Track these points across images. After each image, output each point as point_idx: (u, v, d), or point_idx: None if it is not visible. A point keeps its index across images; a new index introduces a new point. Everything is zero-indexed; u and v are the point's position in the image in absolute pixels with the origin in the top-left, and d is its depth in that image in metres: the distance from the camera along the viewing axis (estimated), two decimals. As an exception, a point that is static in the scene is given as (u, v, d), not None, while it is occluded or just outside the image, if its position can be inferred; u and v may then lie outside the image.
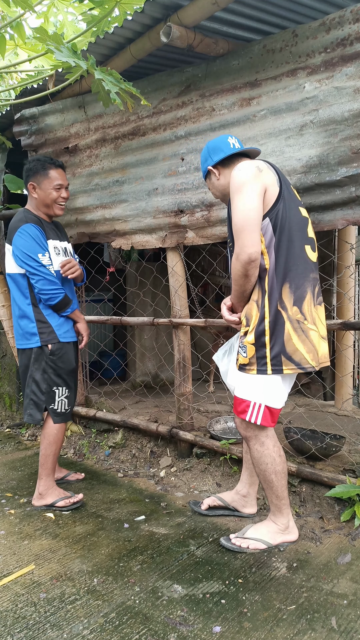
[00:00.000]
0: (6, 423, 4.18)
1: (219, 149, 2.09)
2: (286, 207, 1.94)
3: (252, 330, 1.96)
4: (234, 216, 1.91)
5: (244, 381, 2.01)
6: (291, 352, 1.92)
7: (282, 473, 2.04)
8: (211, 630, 1.60)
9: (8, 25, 3.12)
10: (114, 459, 3.23)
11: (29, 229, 2.47)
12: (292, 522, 2.13)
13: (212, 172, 2.13)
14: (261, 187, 1.88)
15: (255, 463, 2.06)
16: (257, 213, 1.87)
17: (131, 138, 2.98)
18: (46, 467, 2.57)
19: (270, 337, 1.92)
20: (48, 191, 2.54)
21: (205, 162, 2.15)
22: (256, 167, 1.91)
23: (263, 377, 1.96)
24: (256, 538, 2.09)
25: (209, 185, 2.20)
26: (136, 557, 2.06)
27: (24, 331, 2.53)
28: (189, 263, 3.15)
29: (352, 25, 2.10)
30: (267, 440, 2.03)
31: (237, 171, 1.92)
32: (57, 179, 2.55)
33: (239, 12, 2.25)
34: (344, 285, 3.63)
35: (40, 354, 2.51)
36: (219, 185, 2.14)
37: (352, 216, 2.20)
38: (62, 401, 2.57)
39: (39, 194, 2.56)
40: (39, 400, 2.53)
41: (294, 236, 1.95)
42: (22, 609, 1.74)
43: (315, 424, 2.93)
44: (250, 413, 1.97)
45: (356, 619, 1.65)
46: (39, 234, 2.48)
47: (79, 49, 2.54)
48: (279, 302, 1.92)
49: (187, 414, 3.03)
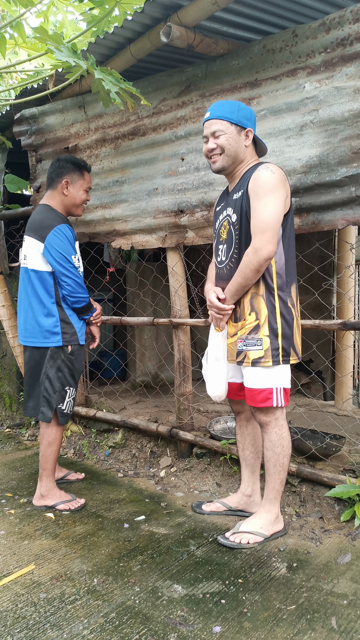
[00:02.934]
0: (6, 423, 4.18)
1: (254, 122, 2.13)
2: (292, 218, 2.11)
3: (264, 323, 2.04)
4: (259, 213, 1.97)
5: (260, 373, 2.07)
6: (295, 344, 2.11)
7: (290, 457, 2.15)
8: (211, 630, 1.61)
9: (8, 24, 3.12)
10: (114, 459, 3.23)
11: (64, 229, 2.49)
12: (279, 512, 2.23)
13: (247, 133, 2.07)
14: (285, 194, 2.01)
15: (270, 447, 2.11)
16: (281, 217, 1.99)
17: (131, 138, 2.98)
18: (46, 469, 2.57)
19: (283, 330, 2.05)
20: (80, 192, 2.63)
21: (247, 120, 2.07)
22: (284, 176, 2.02)
23: (277, 367, 2.07)
24: (252, 531, 2.13)
25: (229, 134, 2.05)
26: (136, 557, 2.06)
27: (44, 329, 2.49)
28: (189, 263, 3.15)
29: (352, 25, 2.10)
30: (285, 424, 2.13)
31: (270, 173, 1.98)
32: (89, 182, 2.69)
33: (239, 12, 2.25)
34: (344, 285, 3.63)
35: (57, 353, 2.51)
36: (240, 148, 2.07)
37: (352, 216, 2.20)
38: (70, 402, 2.59)
39: (71, 192, 2.60)
40: (51, 398, 2.53)
41: (294, 244, 2.12)
42: (22, 609, 1.74)
43: (315, 424, 2.93)
44: (276, 398, 2.07)
45: (356, 619, 1.65)
46: (72, 236, 2.53)
47: (79, 49, 2.54)
48: (289, 299, 2.07)
49: (187, 414, 3.03)
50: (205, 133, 2.11)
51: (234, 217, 2.10)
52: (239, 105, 2.08)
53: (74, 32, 3.78)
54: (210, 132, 2.08)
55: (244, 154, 2.10)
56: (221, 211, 2.22)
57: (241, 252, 2.06)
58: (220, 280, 2.21)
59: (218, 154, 2.08)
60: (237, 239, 2.08)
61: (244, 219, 2.04)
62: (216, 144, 2.07)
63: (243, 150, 2.09)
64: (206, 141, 2.11)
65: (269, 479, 2.13)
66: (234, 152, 2.07)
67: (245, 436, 2.35)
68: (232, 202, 2.12)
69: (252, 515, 2.22)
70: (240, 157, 2.10)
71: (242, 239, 2.06)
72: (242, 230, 2.05)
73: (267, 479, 2.15)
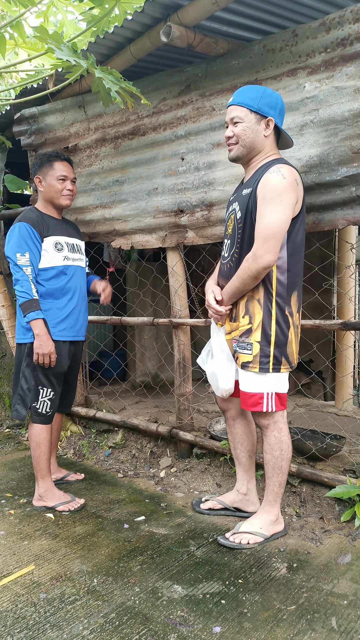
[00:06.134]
0: (6, 423, 4.17)
1: (282, 115, 2.03)
2: (302, 222, 2.03)
3: (257, 328, 2.00)
4: (267, 219, 1.91)
5: (251, 377, 2.05)
6: (289, 353, 2.05)
7: (289, 460, 2.13)
8: (211, 630, 1.60)
9: (8, 24, 3.12)
10: (114, 459, 3.23)
11: (16, 228, 2.49)
12: (279, 513, 2.21)
13: (268, 122, 1.98)
14: (295, 198, 1.94)
15: (269, 451, 2.09)
16: (286, 225, 1.93)
17: (131, 138, 2.98)
18: (40, 469, 2.56)
19: (276, 338, 2.00)
20: (52, 183, 2.54)
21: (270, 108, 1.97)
22: (295, 179, 1.93)
23: (267, 374, 2.03)
24: (252, 531, 2.13)
25: (247, 122, 1.98)
26: (136, 558, 2.06)
27: (21, 325, 2.53)
28: (189, 263, 3.15)
29: (352, 25, 2.09)
30: (285, 427, 2.10)
31: (280, 177, 1.89)
32: (61, 170, 2.55)
33: (239, 11, 2.24)
34: (344, 285, 3.63)
35: (32, 350, 2.48)
36: (258, 137, 1.99)
37: (352, 216, 2.20)
38: (45, 402, 2.52)
39: (44, 187, 2.57)
40: (25, 396, 2.50)
41: (301, 249, 2.04)
42: (22, 609, 1.74)
43: (315, 424, 2.93)
44: (266, 403, 2.04)
45: (356, 619, 1.64)
46: (27, 233, 2.46)
47: (79, 49, 2.53)
48: (287, 307, 2.00)
49: (187, 414, 3.03)
50: (226, 118, 2.06)
51: (239, 214, 2.05)
52: (264, 91, 1.98)
53: (74, 32, 3.78)
54: (229, 119, 2.02)
55: (262, 145, 2.01)
56: (232, 202, 2.16)
57: (242, 252, 2.03)
58: (221, 277, 2.20)
59: (234, 143, 2.02)
60: (240, 238, 2.05)
61: (249, 218, 2.00)
62: (233, 132, 2.01)
63: (261, 141, 2.00)
64: (226, 126, 2.06)
65: (268, 482, 2.13)
66: (250, 142, 2.00)
67: (234, 435, 2.34)
68: (240, 198, 2.06)
69: (252, 515, 2.22)
70: (257, 148, 2.01)
71: (244, 239, 2.03)
72: (246, 230, 2.02)
73: (266, 481, 2.14)
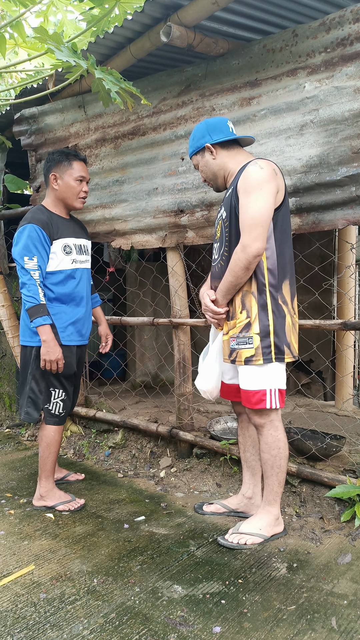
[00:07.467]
0: (6, 423, 4.17)
1: (218, 129, 2.12)
2: (286, 211, 2.06)
3: (254, 321, 2.02)
4: (249, 209, 1.95)
5: (253, 373, 2.05)
6: (290, 342, 2.06)
7: (287, 458, 2.13)
8: (211, 630, 1.60)
9: (8, 24, 3.12)
10: (114, 460, 3.23)
11: (26, 230, 2.41)
12: (279, 514, 2.20)
13: (210, 149, 2.12)
14: (275, 188, 1.97)
15: (266, 450, 2.09)
16: (270, 213, 1.96)
17: (131, 138, 2.98)
18: (45, 470, 2.57)
19: (275, 327, 2.02)
20: (70, 183, 2.50)
21: (202, 138, 2.13)
22: (273, 170, 1.98)
23: (270, 365, 2.04)
24: (251, 532, 2.13)
25: (200, 162, 2.18)
26: (136, 558, 2.06)
27: (27, 327, 2.50)
28: (189, 263, 3.15)
29: (352, 25, 2.10)
30: (280, 425, 2.11)
31: (258, 168, 1.96)
32: (80, 170, 2.51)
33: (239, 11, 2.24)
34: (344, 285, 3.63)
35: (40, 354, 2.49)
36: (213, 165, 2.14)
37: (352, 216, 2.20)
38: (57, 404, 2.53)
39: (60, 186, 2.50)
40: (37, 398, 2.51)
41: (288, 238, 2.08)
42: (22, 609, 1.74)
43: (315, 424, 2.93)
44: (270, 400, 2.04)
45: (356, 619, 1.64)
46: (36, 236, 2.40)
47: (78, 49, 2.53)
48: (280, 296, 2.02)
49: (187, 414, 3.03)
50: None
51: (224, 214, 2.10)
52: (196, 129, 2.16)
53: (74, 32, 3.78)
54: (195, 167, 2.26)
55: (221, 166, 2.13)
56: (220, 209, 2.22)
57: (231, 249, 2.04)
58: (213, 279, 2.21)
59: (208, 182, 2.24)
60: (227, 236, 2.07)
61: (233, 215, 2.03)
62: (201, 176, 2.24)
63: (217, 164, 2.13)
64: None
65: (267, 481, 2.13)
66: (212, 173, 2.17)
67: (246, 438, 2.34)
68: (225, 200, 2.13)
69: (252, 516, 2.21)
70: (220, 170, 2.15)
71: (231, 235, 2.05)
72: (232, 227, 2.05)
73: (265, 481, 2.14)
